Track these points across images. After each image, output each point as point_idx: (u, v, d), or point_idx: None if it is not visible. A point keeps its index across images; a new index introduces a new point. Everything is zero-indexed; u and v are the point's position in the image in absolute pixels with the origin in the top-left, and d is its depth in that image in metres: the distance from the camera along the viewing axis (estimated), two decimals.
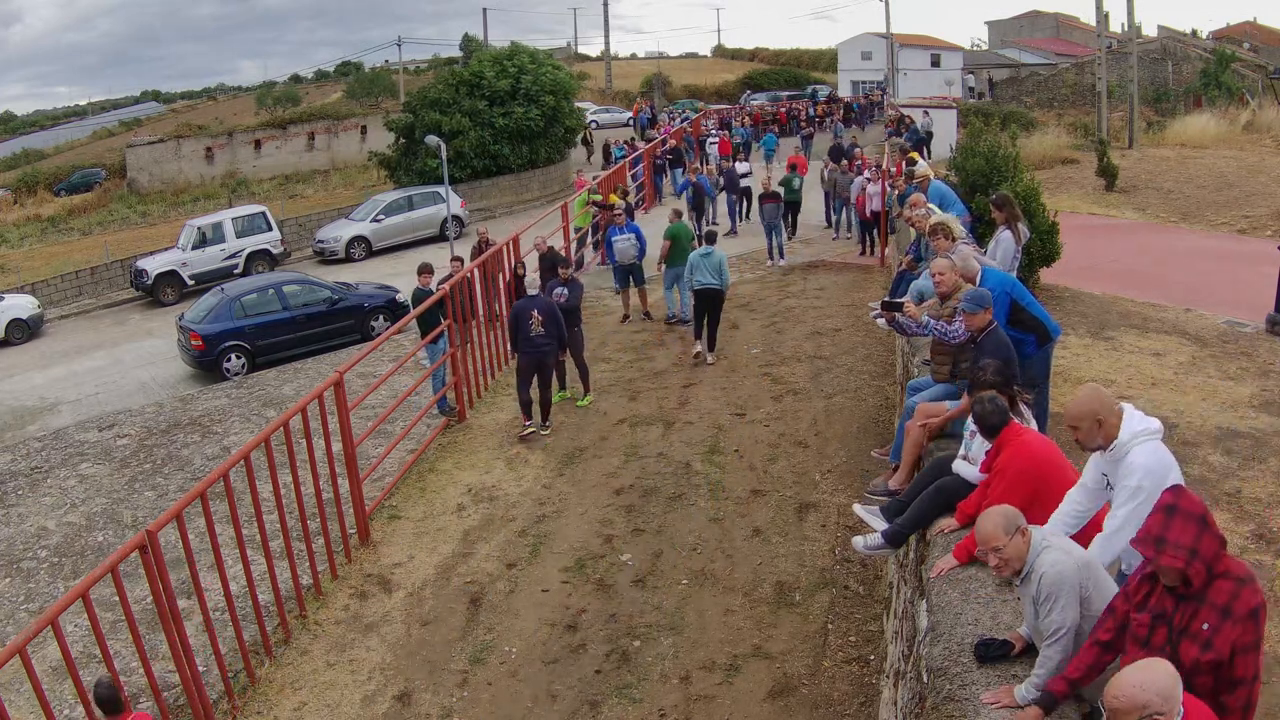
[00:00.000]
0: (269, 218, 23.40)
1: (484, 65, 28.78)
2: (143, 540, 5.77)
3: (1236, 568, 2.92)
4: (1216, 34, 55.66)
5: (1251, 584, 2.89)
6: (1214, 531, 2.92)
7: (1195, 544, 2.86)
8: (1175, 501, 2.96)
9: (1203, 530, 2.89)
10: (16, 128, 66.52)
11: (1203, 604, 2.89)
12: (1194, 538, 2.87)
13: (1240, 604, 2.85)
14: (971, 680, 3.50)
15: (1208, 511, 2.96)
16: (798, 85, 59.48)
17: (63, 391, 14.90)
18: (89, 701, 5.41)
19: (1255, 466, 8.06)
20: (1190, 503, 2.96)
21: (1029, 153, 22.16)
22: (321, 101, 56.05)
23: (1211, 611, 2.87)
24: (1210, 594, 2.89)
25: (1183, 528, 2.89)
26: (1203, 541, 2.88)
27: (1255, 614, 2.85)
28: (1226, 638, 2.84)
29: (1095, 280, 14.45)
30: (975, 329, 5.67)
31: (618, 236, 13.89)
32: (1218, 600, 2.88)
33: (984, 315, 5.64)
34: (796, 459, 9.29)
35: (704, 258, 11.80)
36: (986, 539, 3.52)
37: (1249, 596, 2.86)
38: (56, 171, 42.43)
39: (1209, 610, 2.88)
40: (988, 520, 3.56)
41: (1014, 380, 5.00)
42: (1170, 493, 3.01)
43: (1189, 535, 2.87)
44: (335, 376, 8.32)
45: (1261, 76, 39.57)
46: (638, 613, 7.17)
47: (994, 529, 3.50)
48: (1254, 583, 2.90)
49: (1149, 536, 2.92)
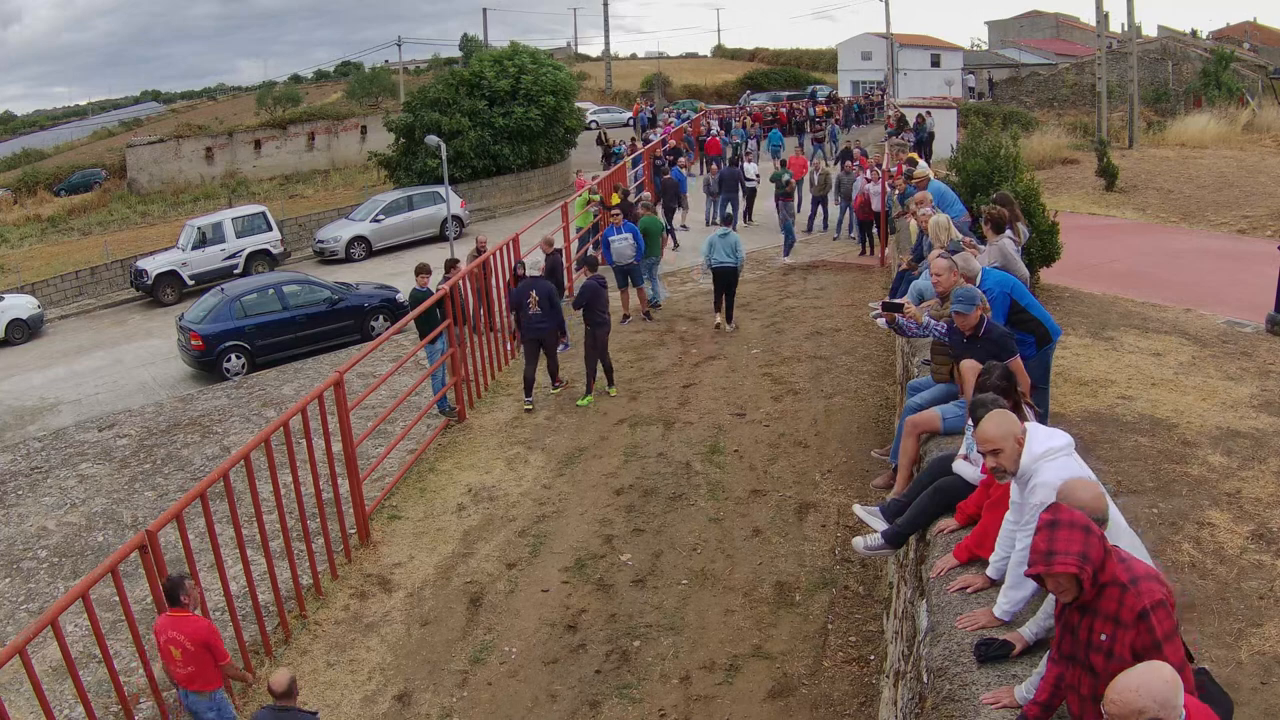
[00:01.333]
0: (269, 218, 23.40)
1: (484, 65, 28.78)
2: (143, 540, 5.78)
3: (1124, 573, 2.91)
4: (1216, 34, 55.70)
5: (1135, 587, 2.87)
6: (1098, 538, 2.94)
7: (1084, 549, 2.89)
8: (1055, 517, 3.01)
9: (1088, 536, 2.92)
10: (16, 128, 66.57)
11: (1097, 615, 2.92)
12: (1081, 543, 2.90)
13: (1126, 610, 2.85)
14: (971, 680, 3.50)
15: (1090, 521, 2.99)
16: (798, 85, 59.51)
17: (63, 391, 14.90)
18: (89, 701, 5.42)
19: (1255, 466, 8.06)
20: (1070, 515, 3.00)
21: (1029, 153, 22.15)
22: (321, 101, 56.05)
23: (1105, 621, 2.90)
24: (1100, 604, 2.92)
25: (1068, 537, 2.92)
26: (1090, 546, 2.90)
27: (1144, 616, 2.82)
28: (1125, 644, 2.85)
29: (1095, 280, 14.45)
30: (968, 329, 5.66)
31: (614, 236, 13.90)
32: (1108, 609, 2.90)
33: (976, 314, 5.63)
34: (796, 459, 9.29)
35: (721, 238, 12.96)
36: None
37: (1133, 601, 2.85)
38: (56, 171, 42.40)
39: (1102, 620, 2.90)
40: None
41: (1016, 387, 4.98)
42: (1048, 511, 3.06)
43: (1075, 543, 2.90)
44: (335, 377, 8.32)
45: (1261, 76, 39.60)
46: (638, 613, 7.17)
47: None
48: (1139, 584, 2.87)
49: (1037, 554, 2.95)
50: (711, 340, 13.08)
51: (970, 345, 5.68)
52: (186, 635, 5.44)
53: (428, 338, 11.08)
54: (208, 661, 5.49)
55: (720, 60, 77.09)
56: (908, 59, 51.29)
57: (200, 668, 5.49)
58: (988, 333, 5.64)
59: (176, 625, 5.46)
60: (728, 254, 12.84)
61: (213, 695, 5.62)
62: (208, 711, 5.63)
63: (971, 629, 3.77)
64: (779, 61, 71.66)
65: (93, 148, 47.84)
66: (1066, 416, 9.04)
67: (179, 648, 5.46)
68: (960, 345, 5.81)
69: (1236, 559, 6.78)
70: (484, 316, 12.33)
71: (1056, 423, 7.63)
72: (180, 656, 5.47)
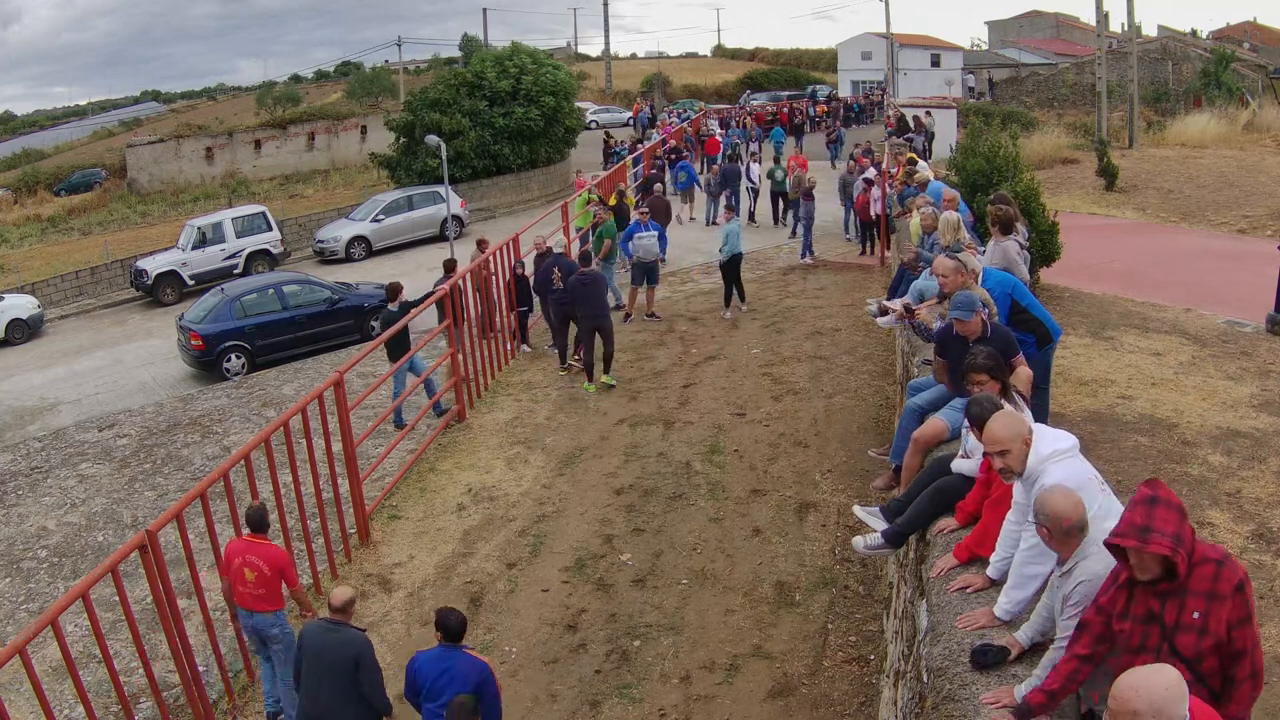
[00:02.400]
0: (269, 218, 23.38)
1: (484, 65, 28.77)
2: (143, 540, 5.78)
3: (1212, 551, 2.97)
4: (1216, 34, 55.69)
5: (1229, 561, 2.94)
6: (1189, 522, 2.98)
7: (1178, 531, 2.89)
8: (1155, 493, 3.00)
9: (1183, 520, 2.93)
10: (16, 128, 66.53)
11: (1187, 594, 2.92)
12: (1176, 525, 2.90)
13: (1223, 584, 2.89)
14: (971, 680, 3.50)
15: (1183, 503, 3.01)
16: (798, 85, 59.49)
17: (63, 391, 14.90)
18: (89, 701, 5.42)
19: (1255, 466, 8.05)
20: (1168, 494, 3.00)
21: (1029, 153, 22.15)
22: (321, 101, 56.05)
23: (1198, 599, 2.91)
24: (1192, 583, 2.92)
25: (1165, 517, 2.92)
26: (1184, 529, 2.91)
27: (1241, 588, 2.90)
28: (1220, 618, 2.88)
29: (1095, 280, 14.44)
30: (971, 334, 5.52)
31: (641, 234, 14.01)
32: (1201, 587, 2.91)
33: (976, 320, 5.50)
34: (796, 459, 9.29)
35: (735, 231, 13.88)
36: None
37: (1229, 574, 2.91)
38: (56, 171, 42.37)
39: (1195, 598, 2.91)
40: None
41: (1004, 368, 4.95)
42: (1148, 485, 3.04)
43: (1172, 524, 2.90)
44: (335, 376, 8.32)
45: (1261, 76, 39.59)
46: (638, 612, 7.17)
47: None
48: (1231, 560, 2.96)
49: (1133, 527, 2.93)
50: (711, 340, 13.09)
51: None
52: (265, 560, 6.03)
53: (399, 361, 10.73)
54: (278, 585, 6.09)
55: (720, 60, 77.07)
56: (908, 59, 51.28)
57: (270, 590, 6.08)
58: (991, 336, 5.55)
59: (256, 550, 6.06)
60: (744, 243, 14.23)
61: (277, 614, 6.21)
62: (271, 628, 6.20)
63: (971, 629, 3.76)
64: (779, 61, 71.64)
65: (93, 148, 47.82)
66: (1067, 416, 9.03)
67: (255, 570, 6.03)
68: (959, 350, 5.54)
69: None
70: (485, 317, 12.33)
71: (1057, 423, 7.63)
72: (254, 579, 6.04)
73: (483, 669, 5.12)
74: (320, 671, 5.27)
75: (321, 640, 5.32)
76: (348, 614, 5.48)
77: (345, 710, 5.26)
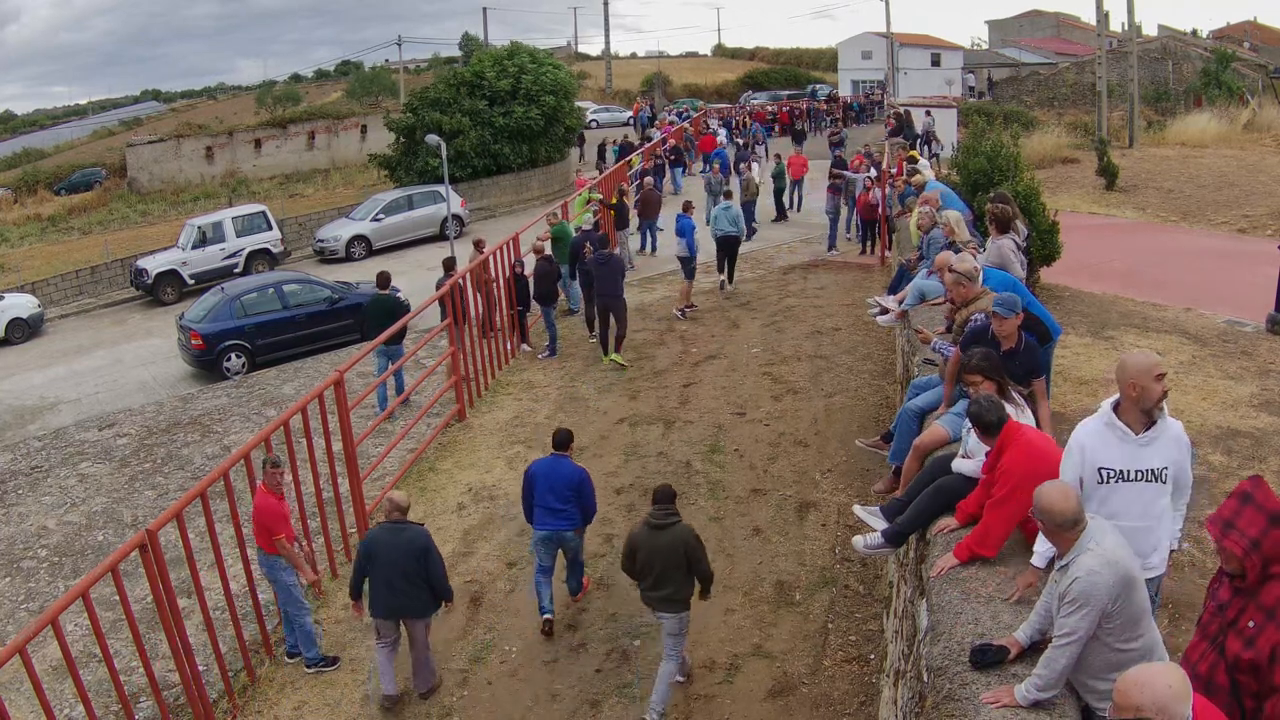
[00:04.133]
0: (269, 217, 23.38)
1: (484, 65, 28.78)
2: (143, 539, 5.78)
3: None
4: (1216, 33, 55.66)
5: None
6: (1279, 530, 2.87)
7: (1260, 536, 2.84)
8: (1252, 492, 2.95)
9: (1271, 527, 2.85)
10: (16, 127, 66.51)
11: (1253, 601, 2.87)
12: (1260, 531, 2.85)
13: None
14: (971, 679, 3.50)
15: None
16: (798, 85, 59.48)
17: (63, 391, 14.90)
18: (89, 701, 5.42)
19: (1255, 466, 8.05)
20: (1265, 495, 2.93)
21: (1029, 152, 22.11)
22: (321, 101, 56.01)
23: (1258, 611, 2.85)
24: (1261, 593, 2.86)
25: (1252, 519, 2.87)
26: (1269, 537, 2.84)
27: None
28: (1269, 640, 2.80)
29: (1095, 280, 14.44)
30: (1006, 336, 5.43)
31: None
32: (1266, 601, 2.85)
33: (1014, 321, 5.40)
34: (796, 458, 9.29)
35: (724, 211, 15.02)
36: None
37: None
38: (56, 171, 42.34)
39: (1256, 609, 2.85)
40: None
41: (1001, 369, 4.92)
42: (1250, 482, 3.00)
43: (1256, 527, 2.85)
44: (335, 376, 8.32)
45: (1261, 76, 39.55)
46: (638, 612, 7.17)
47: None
48: None
49: (1219, 518, 2.93)
50: (711, 339, 13.09)
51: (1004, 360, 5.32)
52: (258, 506, 6.65)
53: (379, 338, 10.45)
54: (264, 532, 6.60)
55: (720, 59, 77.05)
56: (908, 58, 51.26)
57: (258, 534, 6.67)
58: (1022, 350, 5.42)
59: (259, 496, 6.69)
60: (730, 224, 14.84)
61: (272, 560, 6.68)
62: (264, 567, 6.77)
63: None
64: (779, 61, 71.64)
65: (93, 147, 47.77)
66: (1067, 416, 9.02)
67: (254, 513, 6.70)
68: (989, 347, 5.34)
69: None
70: (485, 316, 12.32)
71: (1057, 422, 7.63)
72: (255, 521, 6.71)
73: (582, 471, 7.05)
74: (394, 565, 6.23)
75: (391, 539, 6.30)
76: (406, 515, 6.47)
77: (420, 594, 6.32)
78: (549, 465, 6.99)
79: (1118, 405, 3.82)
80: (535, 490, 6.93)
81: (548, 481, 6.88)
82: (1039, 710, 3.25)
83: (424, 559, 6.27)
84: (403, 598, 6.28)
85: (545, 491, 6.87)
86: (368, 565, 6.36)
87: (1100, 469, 3.82)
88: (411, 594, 6.29)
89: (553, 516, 6.90)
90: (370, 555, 6.34)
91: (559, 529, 6.91)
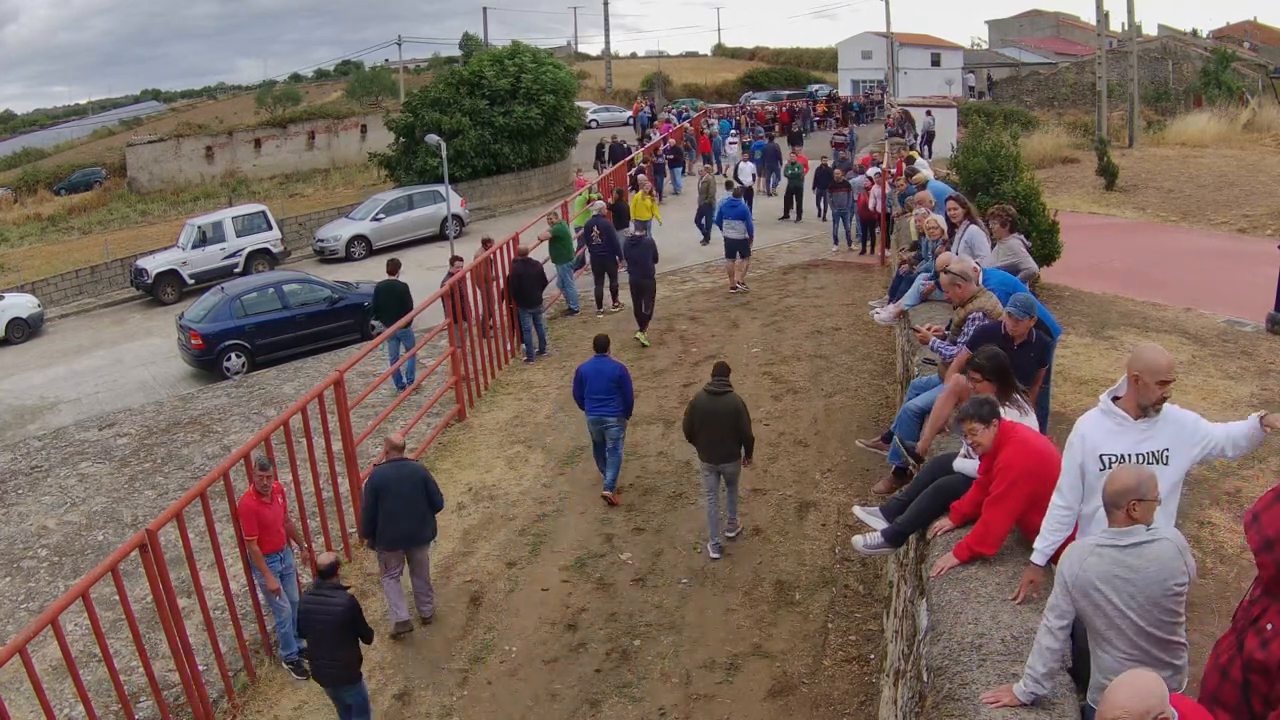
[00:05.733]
0: (269, 217, 23.37)
1: (484, 65, 28.75)
2: (143, 539, 5.78)
3: None
4: (1216, 33, 55.64)
5: None
6: None
7: (1275, 537, 2.78)
8: None
9: None
10: (16, 127, 66.46)
11: (1276, 603, 2.79)
12: (1277, 531, 2.79)
13: None
14: (971, 679, 3.50)
15: None
16: (798, 84, 59.42)
17: (63, 390, 14.90)
18: (89, 700, 5.42)
19: (1255, 466, 8.05)
20: None
21: (1029, 152, 22.09)
22: (321, 101, 55.99)
23: (1278, 615, 2.78)
24: None
25: (1275, 517, 2.82)
26: None
27: None
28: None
29: (1095, 279, 14.44)
30: (1018, 336, 5.51)
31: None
32: None
33: (1028, 323, 5.51)
34: (796, 458, 9.29)
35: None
36: None
37: None
38: (56, 170, 42.32)
39: (1277, 612, 2.78)
40: None
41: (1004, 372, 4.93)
42: None
43: (1274, 527, 2.80)
44: (335, 375, 8.32)
45: (1261, 76, 39.55)
46: (638, 611, 7.17)
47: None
48: None
49: (1253, 511, 2.89)
50: (711, 339, 13.08)
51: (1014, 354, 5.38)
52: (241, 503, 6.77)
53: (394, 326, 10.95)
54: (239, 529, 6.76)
55: (720, 59, 77.00)
56: (908, 58, 51.24)
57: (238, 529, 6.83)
58: (1034, 344, 5.51)
59: (242, 496, 6.82)
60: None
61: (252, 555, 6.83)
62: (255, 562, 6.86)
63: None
64: (779, 60, 71.57)
65: (92, 147, 47.75)
66: (1067, 416, 9.02)
67: None
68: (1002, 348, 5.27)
69: (1237, 558, 6.78)
70: (485, 315, 12.32)
71: (1056, 422, 7.65)
72: None
73: (622, 367, 8.74)
74: (400, 497, 6.97)
75: (395, 474, 7.04)
76: (403, 452, 7.25)
77: (426, 518, 7.15)
78: (594, 364, 8.66)
79: (1116, 395, 3.84)
80: (586, 385, 8.62)
81: (596, 378, 8.57)
82: (1039, 709, 3.25)
83: (426, 487, 7.11)
84: (410, 525, 7.03)
85: (595, 385, 8.55)
86: (376, 501, 6.98)
87: (1101, 455, 3.79)
88: (417, 518, 7.05)
89: (599, 405, 8.57)
90: (379, 490, 6.98)
91: (603, 415, 8.58)
